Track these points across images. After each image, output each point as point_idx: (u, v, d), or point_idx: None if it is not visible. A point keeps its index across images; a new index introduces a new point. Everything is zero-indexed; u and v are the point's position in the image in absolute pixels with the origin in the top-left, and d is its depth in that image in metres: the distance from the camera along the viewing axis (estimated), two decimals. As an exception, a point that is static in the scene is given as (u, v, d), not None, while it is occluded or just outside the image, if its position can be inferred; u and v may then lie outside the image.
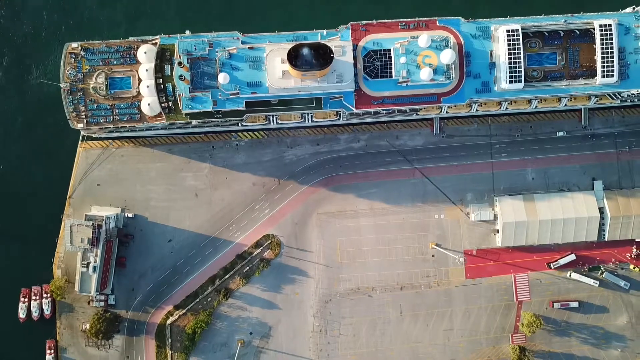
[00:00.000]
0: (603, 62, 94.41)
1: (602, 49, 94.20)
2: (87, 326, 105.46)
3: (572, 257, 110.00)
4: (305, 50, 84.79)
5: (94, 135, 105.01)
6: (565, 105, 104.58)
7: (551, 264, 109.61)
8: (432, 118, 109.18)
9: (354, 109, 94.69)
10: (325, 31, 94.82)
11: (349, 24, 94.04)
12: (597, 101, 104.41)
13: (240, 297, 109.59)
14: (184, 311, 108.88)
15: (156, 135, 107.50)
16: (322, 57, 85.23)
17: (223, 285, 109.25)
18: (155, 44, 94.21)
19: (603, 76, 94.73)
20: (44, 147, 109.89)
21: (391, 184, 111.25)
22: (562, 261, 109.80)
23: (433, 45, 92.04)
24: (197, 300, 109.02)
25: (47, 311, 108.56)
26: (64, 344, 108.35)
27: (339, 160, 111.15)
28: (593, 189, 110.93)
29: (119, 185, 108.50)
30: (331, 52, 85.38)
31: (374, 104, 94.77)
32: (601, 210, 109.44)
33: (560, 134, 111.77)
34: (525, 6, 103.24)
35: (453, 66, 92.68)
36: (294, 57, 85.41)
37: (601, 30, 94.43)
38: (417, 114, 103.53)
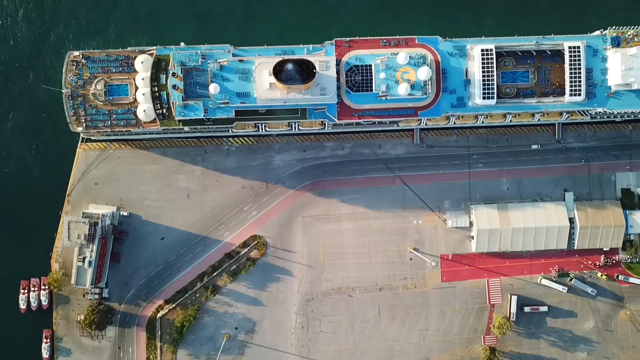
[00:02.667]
0: (571, 82, 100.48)
1: (571, 69, 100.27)
2: (82, 317, 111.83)
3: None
4: (290, 66, 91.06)
5: (92, 138, 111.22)
6: (539, 120, 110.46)
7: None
8: (413, 129, 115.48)
9: (336, 120, 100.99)
10: (311, 46, 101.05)
11: (333, 40, 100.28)
12: (568, 117, 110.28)
13: (227, 294, 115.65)
14: (173, 305, 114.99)
15: (151, 139, 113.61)
16: (305, 72, 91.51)
17: (211, 282, 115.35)
18: (151, 54, 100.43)
19: (571, 95, 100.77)
20: (46, 148, 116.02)
21: (373, 190, 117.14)
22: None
23: (411, 62, 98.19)
24: (187, 295, 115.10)
25: (44, 302, 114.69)
26: (59, 333, 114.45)
27: (324, 166, 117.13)
28: (564, 200, 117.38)
29: (115, 185, 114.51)
30: (314, 67, 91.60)
31: (355, 116, 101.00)
32: (571, 220, 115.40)
33: (534, 146, 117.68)
34: (502, 27, 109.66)
35: (430, 82, 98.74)
36: (279, 72, 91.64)
37: (570, 52, 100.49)
38: (397, 125, 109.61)
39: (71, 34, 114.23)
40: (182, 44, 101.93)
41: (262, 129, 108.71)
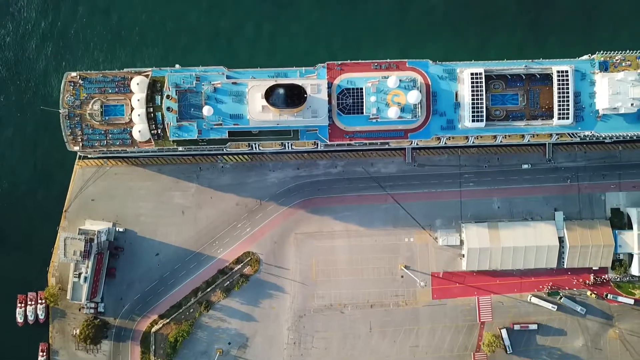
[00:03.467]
0: (559, 105, 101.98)
1: (559, 93, 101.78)
2: (77, 332, 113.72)
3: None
4: (281, 91, 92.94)
5: (89, 155, 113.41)
6: (529, 140, 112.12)
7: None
8: (405, 148, 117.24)
9: (328, 142, 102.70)
10: (304, 69, 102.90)
11: (325, 63, 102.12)
12: (558, 137, 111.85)
13: (221, 309, 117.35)
14: (167, 320, 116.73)
15: (147, 156, 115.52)
16: (296, 96, 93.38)
17: (205, 298, 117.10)
18: (147, 76, 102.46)
19: (559, 118, 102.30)
20: (44, 164, 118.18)
21: (365, 208, 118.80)
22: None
23: (402, 85, 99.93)
24: (181, 310, 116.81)
25: (41, 316, 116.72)
26: (55, 347, 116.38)
27: (318, 184, 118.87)
28: (554, 219, 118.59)
29: (111, 201, 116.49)
30: (305, 92, 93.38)
31: (346, 138, 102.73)
32: (561, 239, 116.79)
33: (525, 166, 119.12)
34: (492, 50, 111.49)
35: (419, 105, 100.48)
36: (270, 96, 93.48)
37: (559, 76, 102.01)
38: (389, 144, 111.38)
39: (70, 51, 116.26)
40: (177, 65, 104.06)
41: (255, 148, 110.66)
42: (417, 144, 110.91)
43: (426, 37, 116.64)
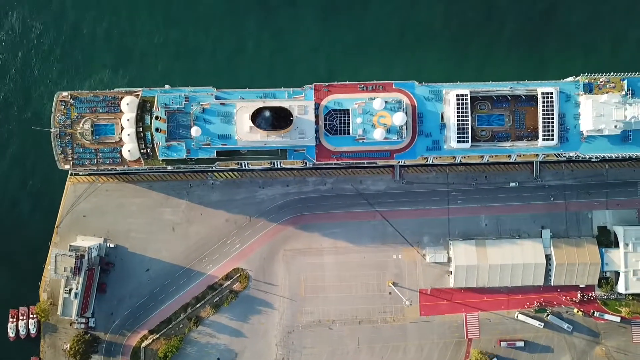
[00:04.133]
0: (544, 126, 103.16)
1: (544, 114, 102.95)
2: (68, 346, 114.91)
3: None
4: (267, 113, 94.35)
5: (81, 172, 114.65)
6: (515, 159, 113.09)
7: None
8: (393, 166, 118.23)
9: (315, 162, 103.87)
10: (292, 89, 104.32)
11: (313, 84, 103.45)
12: (545, 156, 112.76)
13: (210, 325, 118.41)
14: (157, 336, 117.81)
15: (138, 173, 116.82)
16: (282, 118, 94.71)
17: (194, 313, 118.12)
18: (137, 96, 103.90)
19: (544, 139, 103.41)
20: (37, 180, 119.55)
21: (354, 224, 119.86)
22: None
23: (388, 107, 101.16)
24: (170, 326, 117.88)
25: (33, 330, 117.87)
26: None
27: (307, 201, 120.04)
28: (542, 237, 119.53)
29: (102, 217, 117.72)
30: (291, 115, 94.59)
31: (333, 157, 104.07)
32: (548, 257, 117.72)
33: (512, 184, 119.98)
34: (478, 72, 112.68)
35: (405, 126, 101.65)
36: (257, 118, 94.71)
37: (543, 98, 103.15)
38: (377, 163, 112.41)
39: (60, 75, 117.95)
40: (167, 86, 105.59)
41: (245, 165, 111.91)
42: (404, 163, 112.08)
43: (413, 59, 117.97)
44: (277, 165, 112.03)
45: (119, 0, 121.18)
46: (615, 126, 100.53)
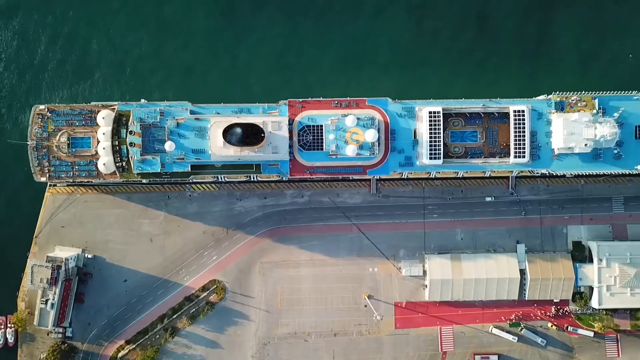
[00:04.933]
0: (515, 144, 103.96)
1: (515, 131, 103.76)
2: (44, 356, 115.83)
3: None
4: (239, 130, 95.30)
5: (58, 184, 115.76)
6: (490, 174, 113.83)
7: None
8: (370, 179, 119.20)
9: (289, 176, 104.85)
10: (266, 105, 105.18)
11: (287, 100, 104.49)
12: (519, 172, 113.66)
13: (186, 336, 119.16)
14: (134, 346, 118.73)
15: (117, 184, 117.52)
16: (254, 135, 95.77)
17: (171, 324, 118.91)
18: (113, 110, 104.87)
19: (515, 156, 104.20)
20: (16, 191, 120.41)
21: (331, 237, 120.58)
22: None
23: (360, 124, 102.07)
24: (147, 336, 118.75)
25: (10, 340, 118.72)
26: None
27: (284, 213, 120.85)
28: (516, 252, 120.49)
29: (81, 228, 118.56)
30: (262, 131, 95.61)
31: (306, 172, 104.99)
32: (523, 272, 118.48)
33: (488, 199, 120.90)
34: (451, 89, 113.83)
35: (377, 143, 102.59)
36: (228, 135, 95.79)
37: (515, 115, 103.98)
38: (352, 177, 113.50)
39: (37, 88, 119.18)
40: (143, 100, 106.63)
41: (221, 178, 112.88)
42: (380, 177, 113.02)
43: (386, 76, 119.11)
44: (254, 177, 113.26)
45: (97, 15, 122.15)
46: (586, 145, 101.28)
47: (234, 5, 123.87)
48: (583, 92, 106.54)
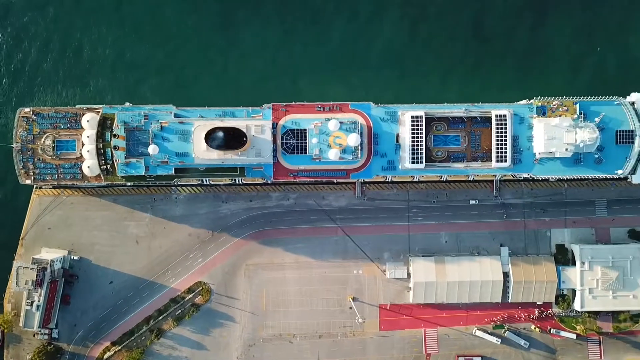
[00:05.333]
0: (497, 148, 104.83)
1: (497, 136, 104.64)
2: (30, 357, 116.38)
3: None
4: (220, 134, 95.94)
5: (43, 187, 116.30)
6: (474, 178, 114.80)
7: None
8: (355, 182, 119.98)
9: (272, 180, 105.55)
10: (250, 108, 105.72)
11: (271, 104, 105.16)
12: (503, 175, 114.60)
13: (172, 338, 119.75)
14: (119, 347, 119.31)
15: (103, 187, 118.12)
16: (236, 139, 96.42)
17: (156, 326, 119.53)
18: (98, 113, 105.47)
19: (497, 160, 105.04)
20: (2, 193, 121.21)
21: (316, 240, 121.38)
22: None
23: (343, 128, 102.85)
24: (132, 338, 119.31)
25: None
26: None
27: (270, 216, 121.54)
28: (500, 255, 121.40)
29: (67, 230, 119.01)
30: (244, 135, 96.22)
31: (290, 176, 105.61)
32: (506, 274, 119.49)
33: (473, 202, 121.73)
34: (436, 93, 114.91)
35: (360, 147, 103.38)
36: (210, 139, 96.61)
37: (497, 120, 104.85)
38: (336, 180, 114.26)
39: (23, 90, 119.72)
40: (128, 103, 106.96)
41: (206, 180, 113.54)
42: (364, 180, 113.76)
43: (370, 80, 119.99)
44: (239, 180, 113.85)
45: (82, 19, 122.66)
46: (566, 149, 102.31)
47: (223, 10, 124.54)
48: (564, 97, 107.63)
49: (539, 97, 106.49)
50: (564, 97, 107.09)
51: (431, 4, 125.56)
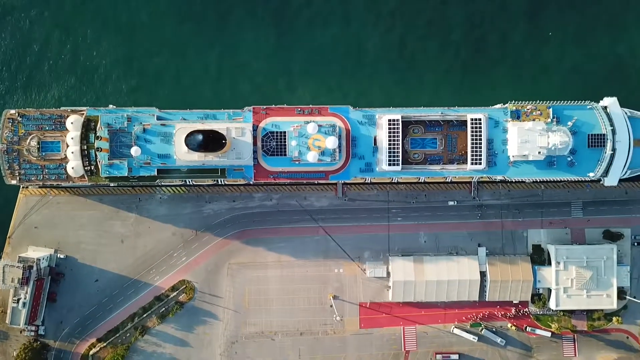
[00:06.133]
0: (472, 151, 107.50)
1: (472, 139, 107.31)
2: (16, 354, 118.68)
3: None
4: (200, 137, 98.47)
5: (29, 187, 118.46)
6: (451, 180, 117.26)
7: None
8: (337, 183, 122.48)
9: (253, 181, 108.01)
10: (232, 111, 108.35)
11: (251, 107, 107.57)
12: (479, 178, 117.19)
13: (156, 335, 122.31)
14: (105, 344, 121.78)
15: (88, 187, 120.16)
16: (215, 141, 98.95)
17: (141, 323, 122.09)
18: (82, 114, 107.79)
19: (472, 163, 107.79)
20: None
21: (298, 239, 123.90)
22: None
23: (322, 131, 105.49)
24: (118, 335, 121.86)
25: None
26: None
27: (253, 216, 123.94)
28: (477, 254, 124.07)
29: (54, 229, 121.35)
30: (224, 138, 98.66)
31: (270, 177, 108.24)
32: (483, 274, 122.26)
33: (451, 203, 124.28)
34: (411, 97, 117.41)
35: (338, 149, 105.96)
36: (189, 141, 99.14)
37: (472, 123, 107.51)
38: (317, 182, 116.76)
39: (8, 92, 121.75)
40: (112, 105, 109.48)
41: (189, 181, 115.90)
42: (344, 181, 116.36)
43: (349, 84, 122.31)
44: (222, 181, 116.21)
45: (69, 20, 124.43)
46: (539, 152, 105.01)
47: (203, 13, 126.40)
48: (538, 101, 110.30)
49: (513, 102, 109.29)
50: (538, 101, 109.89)
51: (407, 12, 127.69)
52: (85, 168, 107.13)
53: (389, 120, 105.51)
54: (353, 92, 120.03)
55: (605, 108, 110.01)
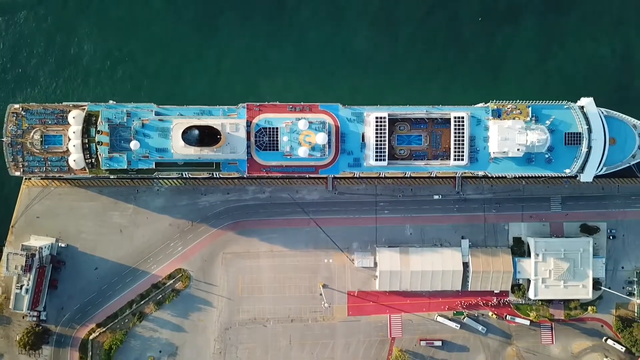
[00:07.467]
0: (455, 148, 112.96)
1: (455, 136, 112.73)
2: (19, 338, 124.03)
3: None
4: (196, 132, 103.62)
5: (32, 178, 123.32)
6: (436, 175, 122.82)
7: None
8: (327, 177, 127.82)
9: (247, 174, 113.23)
10: (226, 107, 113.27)
11: (245, 104, 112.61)
12: (463, 173, 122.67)
13: (153, 321, 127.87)
14: (104, 329, 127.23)
15: (89, 178, 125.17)
16: (211, 136, 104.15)
17: (139, 309, 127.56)
18: (83, 110, 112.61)
19: (455, 159, 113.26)
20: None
21: (290, 231, 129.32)
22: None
23: (313, 127, 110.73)
24: (116, 320, 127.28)
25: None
26: (0, 351, 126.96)
27: (246, 208, 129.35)
28: (461, 246, 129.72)
29: (55, 219, 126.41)
30: (219, 133, 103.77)
31: (263, 171, 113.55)
32: (466, 265, 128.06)
33: (436, 197, 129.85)
34: (398, 96, 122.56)
35: (328, 145, 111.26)
36: (186, 136, 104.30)
37: (455, 121, 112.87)
38: (308, 175, 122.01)
39: (12, 87, 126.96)
40: (112, 101, 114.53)
41: (185, 174, 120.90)
42: (334, 175, 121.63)
43: (339, 82, 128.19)
44: (216, 174, 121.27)
45: (70, 19, 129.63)
46: (518, 149, 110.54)
47: (201, 11, 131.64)
48: (518, 100, 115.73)
49: (495, 101, 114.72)
50: (518, 100, 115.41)
51: (395, 13, 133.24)
52: (86, 161, 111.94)
53: (377, 117, 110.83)
54: (343, 91, 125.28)
55: (582, 108, 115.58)
